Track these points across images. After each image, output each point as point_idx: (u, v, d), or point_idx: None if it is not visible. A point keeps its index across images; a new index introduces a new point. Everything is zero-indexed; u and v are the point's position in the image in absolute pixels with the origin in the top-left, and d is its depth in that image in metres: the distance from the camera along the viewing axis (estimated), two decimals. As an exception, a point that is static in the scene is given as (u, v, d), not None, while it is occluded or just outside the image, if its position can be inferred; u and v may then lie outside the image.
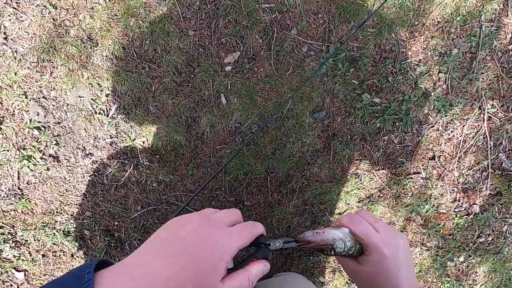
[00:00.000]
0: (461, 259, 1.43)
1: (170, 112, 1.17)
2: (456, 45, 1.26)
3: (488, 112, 1.31)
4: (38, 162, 1.15)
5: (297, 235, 0.42)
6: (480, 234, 1.41)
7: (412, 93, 1.26)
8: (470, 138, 1.33)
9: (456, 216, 1.38)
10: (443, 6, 1.21)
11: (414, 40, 1.23)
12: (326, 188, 1.29)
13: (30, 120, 1.12)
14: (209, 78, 1.15)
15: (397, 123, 1.27)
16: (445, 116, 1.30)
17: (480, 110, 1.31)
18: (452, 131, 1.32)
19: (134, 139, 1.18)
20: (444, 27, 1.23)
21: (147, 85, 1.13)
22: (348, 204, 1.32)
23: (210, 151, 1.22)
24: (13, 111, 1.11)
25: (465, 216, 1.39)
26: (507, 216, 1.41)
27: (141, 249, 0.32)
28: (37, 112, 1.12)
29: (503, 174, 1.37)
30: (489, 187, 1.38)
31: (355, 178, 1.30)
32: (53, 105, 1.12)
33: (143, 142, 1.19)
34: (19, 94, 1.09)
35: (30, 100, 1.11)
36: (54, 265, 1.25)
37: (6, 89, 1.09)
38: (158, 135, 1.18)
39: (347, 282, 1.39)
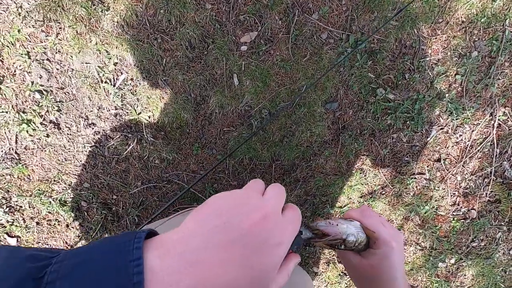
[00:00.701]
0: (452, 261, 1.46)
1: (179, 88, 1.12)
2: (477, 48, 1.23)
3: (498, 120, 1.30)
4: (38, 128, 1.10)
5: (308, 223, 0.41)
6: (474, 239, 1.44)
7: (426, 93, 1.24)
8: (477, 143, 1.33)
9: (453, 220, 1.39)
10: (470, 5, 1.17)
11: (436, 38, 1.20)
12: (330, 180, 1.28)
13: (32, 83, 1.06)
14: (223, 56, 1.10)
15: (408, 122, 1.26)
16: (456, 119, 1.28)
17: (491, 117, 1.30)
18: (461, 135, 1.31)
19: (140, 112, 1.14)
20: (467, 28, 1.20)
21: (158, 57, 1.08)
22: (350, 198, 1.32)
23: (217, 133, 1.19)
24: (14, 71, 1.06)
25: (462, 220, 1.40)
26: (502, 223, 1.43)
27: (191, 231, 0.27)
28: (40, 75, 1.06)
29: (504, 182, 1.38)
30: (489, 194, 1.39)
31: (360, 173, 1.29)
32: (57, 69, 1.07)
33: (149, 117, 1.15)
34: (22, 54, 1.04)
35: (33, 61, 1.05)
36: (48, 233, 1.22)
37: (8, 46, 1.03)
38: (165, 111, 1.14)
39: (339, 274, 1.41)
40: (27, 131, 1.09)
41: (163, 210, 0.73)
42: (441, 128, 1.30)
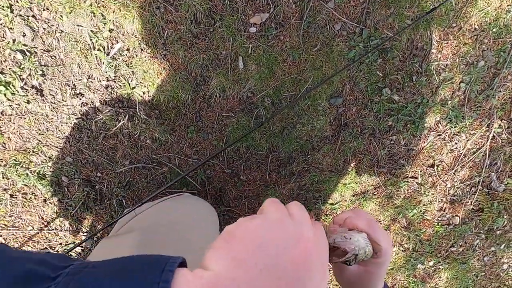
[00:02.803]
0: (431, 263, 1.50)
1: (179, 66, 1.04)
2: (485, 57, 1.22)
3: (494, 132, 1.32)
4: (18, 92, 1.00)
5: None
6: (454, 244, 1.48)
7: (431, 98, 1.23)
8: (470, 153, 1.34)
9: (437, 224, 1.43)
10: (484, 13, 1.15)
11: (447, 43, 1.18)
12: (325, 176, 1.26)
13: (14, 41, 0.95)
14: (230, 36, 1.03)
15: (408, 125, 1.25)
16: (455, 127, 1.29)
17: (487, 128, 1.32)
18: (456, 143, 1.32)
19: (134, 87, 1.05)
20: (478, 36, 1.19)
21: (159, 29, 0.99)
22: (343, 196, 1.31)
23: (215, 117, 1.12)
24: (-7, 26, 0.94)
25: (446, 226, 1.44)
26: (481, 232, 1.48)
27: (227, 272, 0.22)
28: (23, 33, 0.95)
29: (489, 192, 1.42)
30: (474, 203, 1.43)
31: (355, 172, 1.28)
32: (44, 28, 0.96)
33: (143, 93, 1.07)
34: (3, 6, 0.91)
35: (16, 16, 0.93)
36: (23, 207, 1.14)
37: (-13, -4, 0.90)
38: (162, 88, 1.06)
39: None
40: (4, 94, 0.98)
41: (152, 197, 0.67)
42: (439, 135, 1.30)
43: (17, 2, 0.92)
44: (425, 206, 1.39)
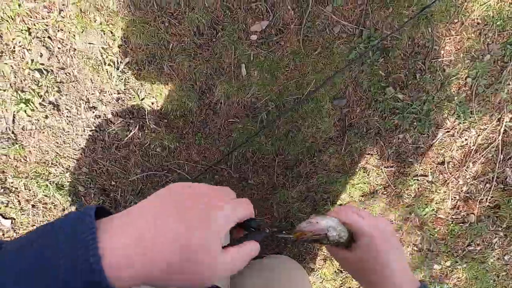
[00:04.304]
0: (448, 263, 1.46)
1: (185, 75, 1.09)
2: (490, 51, 1.21)
3: (505, 126, 1.29)
4: (37, 108, 1.07)
5: (292, 230, 0.44)
6: (471, 243, 1.44)
7: (436, 94, 1.22)
8: (482, 148, 1.32)
9: (452, 223, 1.40)
10: (486, 6, 1.15)
11: (450, 39, 1.17)
12: (333, 177, 1.26)
13: (32, 61, 1.02)
14: (231, 45, 1.07)
15: (415, 123, 1.24)
16: (463, 123, 1.27)
17: (498, 122, 1.29)
18: (466, 139, 1.30)
19: (143, 98, 1.10)
20: (482, 30, 1.18)
21: (164, 42, 1.05)
22: (352, 197, 1.31)
23: (221, 123, 1.16)
24: (14, 48, 1.01)
25: (461, 224, 1.40)
26: (500, 229, 1.44)
27: (145, 202, 0.31)
28: (40, 53, 1.02)
29: (505, 188, 1.37)
30: (489, 199, 1.39)
31: (363, 172, 1.28)
32: (58, 48, 1.03)
33: (152, 103, 1.11)
34: (22, 30, 0.99)
35: (33, 38, 1.00)
36: (43, 217, 1.20)
37: (7, 21, 0.98)
38: (169, 98, 1.11)
39: (335, 271, 1.41)
40: (25, 111, 1.05)
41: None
42: (447, 131, 1.28)
43: (34, 25, 0.99)
44: (437, 204, 1.36)
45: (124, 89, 1.09)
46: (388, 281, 0.42)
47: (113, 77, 1.06)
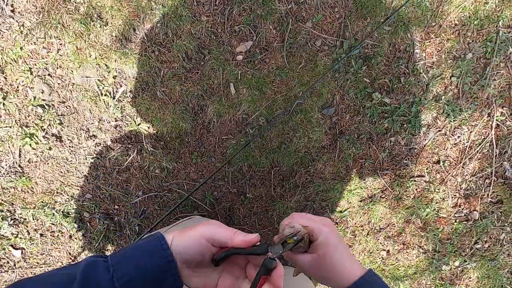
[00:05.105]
0: (457, 263, 1.44)
1: (177, 99, 1.15)
2: (471, 50, 1.24)
3: (496, 120, 1.30)
4: (41, 141, 1.13)
5: (276, 243, 0.47)
6: (478, 240, 1.42)
7: (422, 96, 1.25)
8: (476, 144, 1.33)
9: (455, 221, 1.39)
10: (462, 8, 1.19)
11: (430, 42, 1.21)
12: (329, 185, 1.28)
13: (34, 98, 1.09)
14: (219, 66, 1.13)
15: (405, 125, 1.26)
16: (454, 121, 1.29)
17: (489, 117, 1.30)
18: (459, 136, 1.31)
19: (139, 123, 1.16)
20: (460, 30, 1.21)
21: (155, 69, 1.11)
22: (350, 203, 1.32)
23: (215, 141, 1.20)
24: (17, 87, 1.09)
25: (464, 222, 1.39)
26: (506, 224, 1.42)
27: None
28: (42, 90, 1.09)
29: (505, 182, 1.37)
30: (491, 195, 1.38)
31: (359, 177, 1.29)
32: (58, 84, 1.10)
33: (148, 127, 1.17)
34: (24, 70, 1.07)
35: (35, 77, 1.08)
36: (52, 245, 1.24)
37: (10, 63, 1.06)
38: (164, 121, 1.16)
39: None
40: (30, 145, 1.12)
41: (162, 219, 0.74)
42: (439, 130, 1.30)
43: (35, 65, 1.07)
44: (438, 203, 1.36)
45: (121, 116, 1.14)
46: (346, 269, 0.48)
47: (110, 106, 1.12)
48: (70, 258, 1.28)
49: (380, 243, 1.39)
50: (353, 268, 0.47)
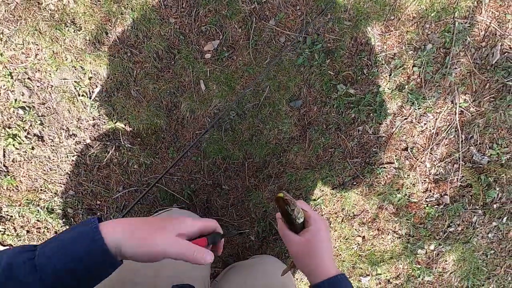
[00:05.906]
0: (432, 247, 1.49)
1: (151, 97, 1.21)
2: (431, 41, 1.30)
3: (460, 106, 1.36)
4: (23, 141, 1.20)
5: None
6: (450, 224, 1.47)
7: (386, 86, 1.31)
8: (442, 130, 1.38)
9: (427, 206, 1.44)
10: (418, 1, 1.25)
11: (390, 34, 1.27)
12: (302, 174, 1.34)
13: (15, 100, 1.16)
14: (189, 64, 1.19)
15: (371, 114, 1.32)
16: (419, 108, 1.35)
17: (452, 104, 1.36)
18: (425, 124, 1.37)
19: (116, 121, 1.22)
20: (419, 23, 1.28)
21: (129, 69, 1.18)
22: (323, 191, 1.37)
23: (190, 136, 1.26)
24: (-1, 91, 1.16)
25: (436, 206, 1.44)
26: (477, 207, 1.47)
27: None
28: (22, 93, 1.16)
29: (473, 166, 1.42)
30: (460, 179, 1.43)
31: (330, 166, 1.35)
32: (37, 86, 1.17)
33: (125, 125, 1.23)
34: (5, 75, 1.14)
35: (15, 81, 1.15)
36: (38, 241, 1.30)
37: (-8, 69, 1.13)
38: (139, 119, 1.23)
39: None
40: (13, 145, 1.18)
41: (129, 209, 0.80)
42: (405, 118, 1.36)
43: (15, 69, 1.14)
44: (408, 189, 1.41)
45: (98, 115, 1.21)
46: (324, 263, 0.54)
47: (87, 106, 1.19)
48: (56, 254, 1.33)
49: (355, 229, 1.44)
50: (330, 266, 0.53)
